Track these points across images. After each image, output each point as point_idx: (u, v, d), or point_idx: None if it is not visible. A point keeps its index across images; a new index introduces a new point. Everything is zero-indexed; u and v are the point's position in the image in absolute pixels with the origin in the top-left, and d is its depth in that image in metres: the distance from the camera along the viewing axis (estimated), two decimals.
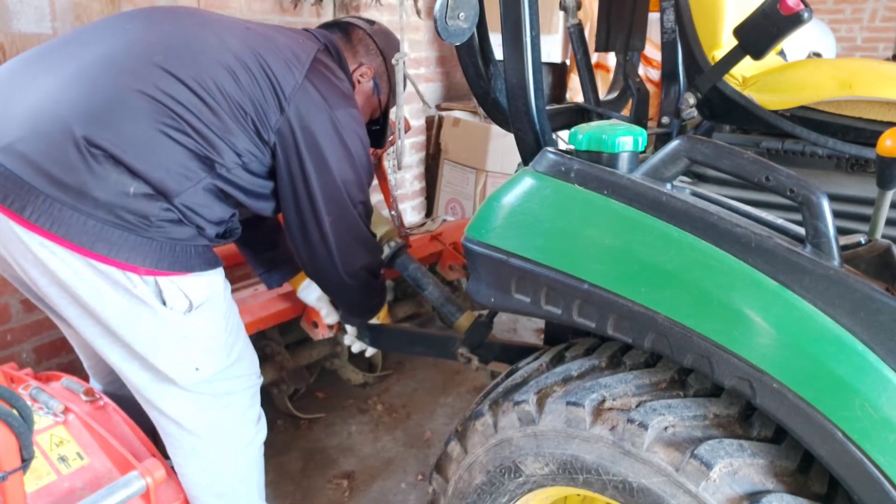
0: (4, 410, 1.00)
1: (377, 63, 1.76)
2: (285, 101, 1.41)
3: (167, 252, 1.31)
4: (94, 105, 1.24)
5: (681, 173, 1.13)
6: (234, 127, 1.35)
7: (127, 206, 1.25)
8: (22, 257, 1.25)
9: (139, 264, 1.27)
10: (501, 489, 1.29)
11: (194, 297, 1.35)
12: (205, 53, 1.35)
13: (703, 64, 1.50)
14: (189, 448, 1.45)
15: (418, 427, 2.49)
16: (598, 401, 1.14)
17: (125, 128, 1.24)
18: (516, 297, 1.24)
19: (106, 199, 1.23)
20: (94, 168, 1.22)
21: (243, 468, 1.55)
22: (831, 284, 0.96)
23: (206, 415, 1.45)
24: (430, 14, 1.81)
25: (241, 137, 1.37)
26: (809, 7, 1.26)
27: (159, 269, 1.29)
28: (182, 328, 1.34)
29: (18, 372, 1.58)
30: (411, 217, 4.02)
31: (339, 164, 1.52)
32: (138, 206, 1.26)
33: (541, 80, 1.32)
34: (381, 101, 1.82)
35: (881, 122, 1.37)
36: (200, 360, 1.39)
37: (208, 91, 1.32)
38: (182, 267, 1.33)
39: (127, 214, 1.25)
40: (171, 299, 1.32)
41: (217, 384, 1.44)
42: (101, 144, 1.22)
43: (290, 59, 1.44)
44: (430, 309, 2.73)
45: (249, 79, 1.37)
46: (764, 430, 1.08)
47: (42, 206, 1.19)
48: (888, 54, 5.43)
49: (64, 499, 1.31)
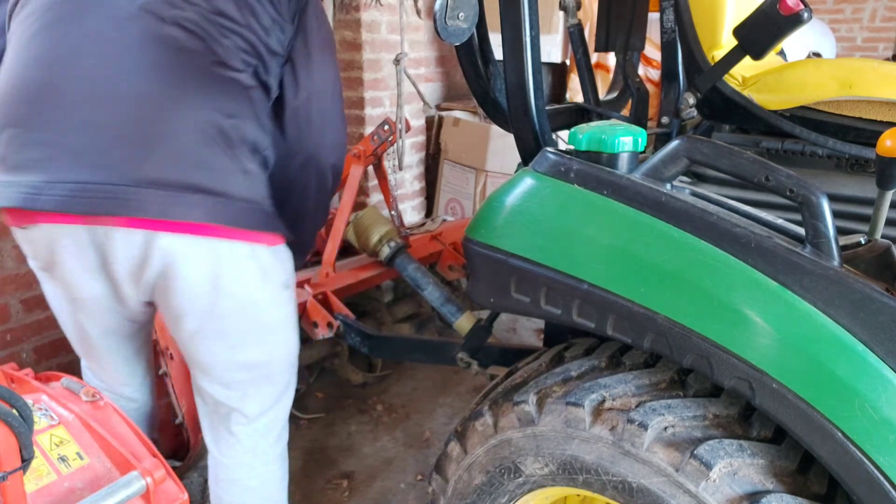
0: (4, 410, 1.00)
1: None
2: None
3: (273, 219, 1.35)
4: (192, 93, 1.22)
5: (680, 173, 1.13)
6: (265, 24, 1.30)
7: (253, 186, 1.29)
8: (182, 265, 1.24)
9: (280, 232, 1.35)
10: (501, 489, 1.29)
11: (289, 267, 1.42)
12: None
13: (703, 64, 1.50)
14: (253, 448, 1.49)
15: (418, 427, 2.49)
16: (597, 401, 1.14)
17: (229, 104, 1.24)
18: (516, 298, 1.24)
19: (244, 189, 1.27)
20: (224, 155, 1.24)
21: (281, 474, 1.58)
22: (831, 284, 0.96)
23: (277, 411, 1.50)
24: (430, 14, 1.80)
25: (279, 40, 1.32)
26: (809, 7, 1.26)
27: (277, 231, 1.35)
28: (289, 303, 1.43)
29: (18, 372, 1.58)
30: (411, 217, 4.02)
31: (329, 49, 1.46)
32: (256, 176, 1.30)
33: (541, 80, 1.32)
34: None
35: (881, 122, 1.37)
36: (295, 342, 1.48)
37: (252, 30, 1.27)
38: (280, 229, 1.37)
39: (257, 195, 1.29)
40: (280, 272, 1.38)
41: (293, 377, 1.51)
42: (224, 125, 1.23)
43: None
44: (430, 309, 2.73)
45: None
46: (764, 431, 1.08)
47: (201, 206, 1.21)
48: (888, 54, 5.43)
49: (64, 499, 1.31)
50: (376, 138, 2.49)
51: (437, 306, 2.26)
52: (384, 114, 3.58)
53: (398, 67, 2.33)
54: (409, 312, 2.75)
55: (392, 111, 3.52)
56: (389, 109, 3.60)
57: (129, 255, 1.24)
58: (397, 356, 2.56)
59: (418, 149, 4.04)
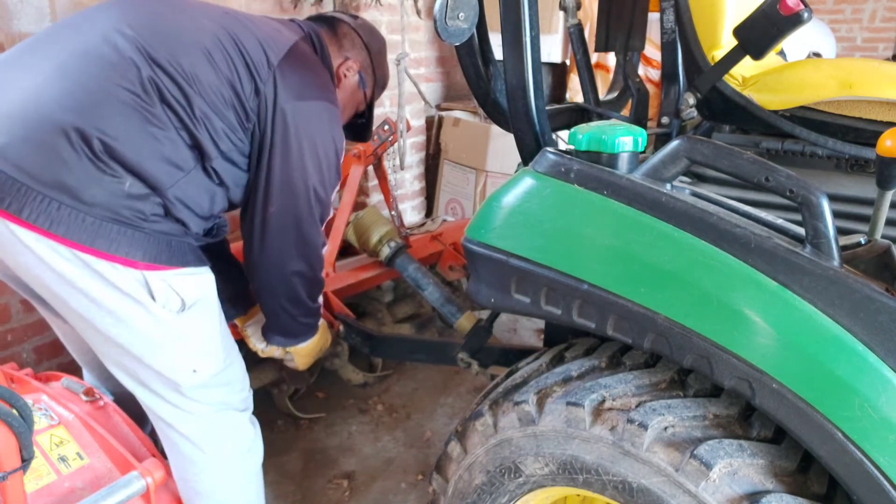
0: (4, 410, 1.00)
1: (362, 57, 1.74)
2: (261, 83, 1.40)
3: (163, 246, 1.32)
4: (80, 100, 1.24)
5: (680, 173, 1.13)
6: (217, 113, 1.35)
7: (123, 202, 1.26)
8: (22, 258, 1.25)
9: (138, 259, 1.28)
10: (501, 489, 1.29)
11: (186, 295, 1.35)
12: (181, 37, 1.34)
13: (703, 64, 1.50)
14: (188, 454, 1.45)
15: (418, 427, 2.49)
16: (597, 401, 1.14)
17: (114, 121, 1.25)
18: (516, 298, 1.24)
19: (102, 196, 1.24)
20: (88, 164, 1.23)
21: (240, 478, 1.54)
22: (831, 285, 0.96)
23: (201, 422, 1.44)
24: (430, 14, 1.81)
25: (225, 123, 1.37)
26: (809, 7, 1.26)
27: (157, 262, 1.30)
28: (176, 328, 1.35)
29: (18, 372, 1.58)
30: (411, 217, 4.02)
31: (303, 155, 1.47)
32: (133, 202, 1.27)
33: (541, 80, 1.32)
34: (366, 95, 1.80)
35: (881, 122, 1.37)
36: (197, 361, 1.39)
37: (188, 79, 1.31)
38: (177, 262, 1.34)
39: (123, 210, 1.26)
40: (162, 298, 1.32)
41: (212, 390, 1.44)
42: (93, 137, 1.22)
43: (266, 41, 1.43)
44: (431, 309, 2.73)
45: (226, 61, 1.36)
46: (764, 431, 1.08)
47: (40, 206, 1.20)
48: (888, 54, 5.43)
49: (64, 499, 1.31)
50: (376, 138, 2.49)
51: (437, 306, 2.26)
52: (384, 114, 3.58)
53: (399, 67, 2.33)
54: (410, 313, 2.75)
55: (392, 111, 3.52)
56: (390, 109, 3.60)
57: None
58: (398, 356, 2.56)
59: (418, 149, 4.04)
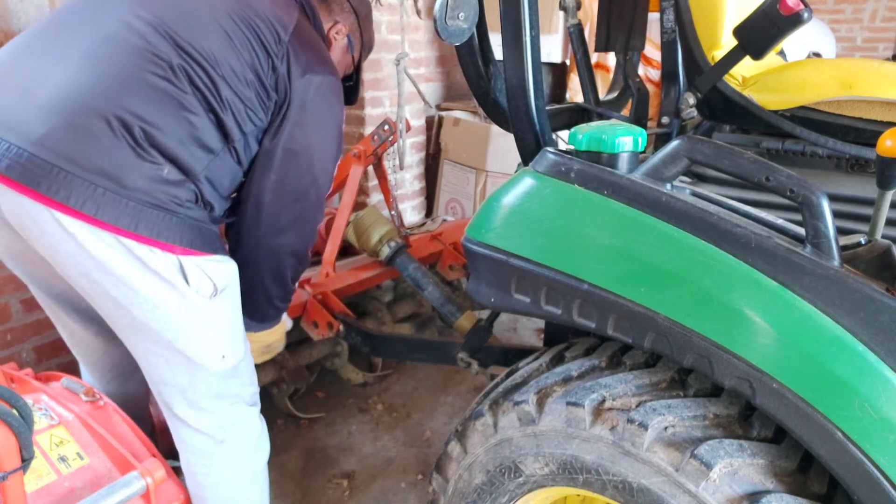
0: (4, 410, 1.00)
1: (351, 20, 1.77)
2: (277, 60, 1.42)
3: (196, 232, 1.36)
4: (116, 88, 1.26)
5: (681, 173, 1.13)
6: (240, 96, 1.37)
7: (161, 188, 1.29)
8: (63, 246, 1.27)
9: (176, 243, 1.31)
10: (501, 489, 1.29)
11: (218, 280, 1.39)
12: (200, 21, 1.36)
13: (703, 64, 1.50)
14: (199, 447, 1.48)
15: (418, 426, 2.49)
16: (598, 401, 1.14)
17: (150, 108, 1.28)
18: (516, 297, 1.24)
19: (143, 182, 1.27)
20: (129, 150, 1.26)
21: (248, 474, 1.56)
22: (831, 284, 0.96)
23: (215, 415, 1.47)
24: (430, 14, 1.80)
25: (248, 105, 1.39)
26: (809, 7, 1.26)
27: (192, 248, 1.34)
28: (208, 313, 1.39)
29: (18, 372, 1.58)
30: (411, 217, 4.02)
31: (310, 129, 1.50)
32: (171, 188, 1.31)
33: (541, 80, 1.32)
34: (354, 58, 1.83)
35: (881, 122, 1.37)
36: (225, 348, 1.43)
37: (214, 64, 1.33)
38: (209, 248, 1.38)
39: (161, 195, 1.30)
40: (196, 283, 1.36)
41: (231, 381, 1.47)
42: (134, 125, 1.25)
43: (274, 19, 1.44)
44: (430, 309, 2.73)
45: (245, 43, 1.38)
46: (764, 430, 1.08)
47: (86, 192, 1.23)
48: (888, 54, 5.43)
49: (64, 499, 1.31)
50: (376, 138, 2.49)
51: (437, 306, 2.26)
52: (384, 114, 3.58)
53: (399, 67, 2.33)
54: (410, 312, 2.75)
55: (392, 111, 3.52)
56: (390, 109, 3.60)
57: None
58: (398, 356, 2.56)
59: (418, 149, 4.04)
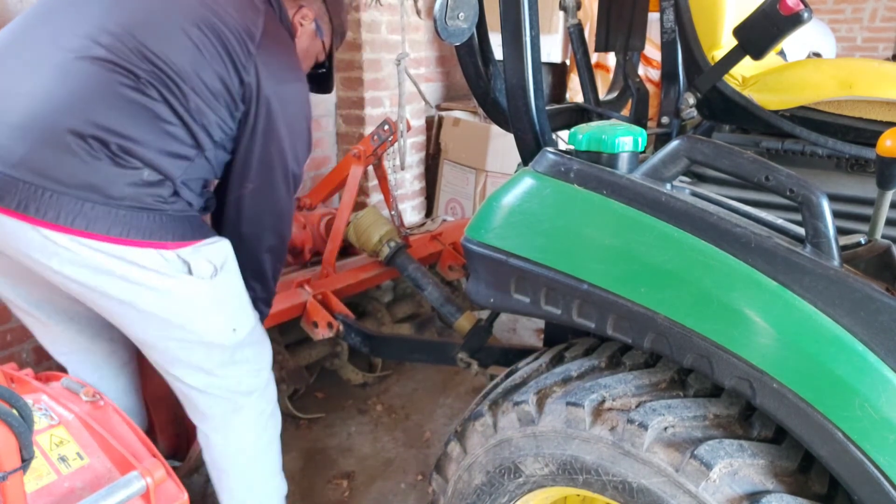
0: (4, 410, 1.00)
1: (317, 5, 1.74)
2: (245, 73, 1.43)
3: (185, 224, 1.40)
4: (89, 104, 1.28)
5: (681, 173, 1.13)
6: (210, 106, 1.40)
7: (145, 191, 1.33)
8: (55, 259, 1.29)
9: (168, 240, 1.36)
10: (501, 489, 1.29)
11: (216, 259, 1.44)
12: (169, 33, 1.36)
13: (703, 64, 1.50)
14: (219, 418, 1.53)
15: (418, 427, 2.49)
16: (597, 401, 1.14)
17: (125, 121, 1.30)
18: (516, 298, 1.24)
19: (128, 188, 1.30)
20: (109, 163, 1.28)
21: (265, 440, 1.63)
22: (831, 284, 0.96)
23: (232, 379, 1.52)
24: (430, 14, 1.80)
25: (217, 115, 1.42)
26: (809, 7, 1.26)
27: (184, 239, 1.39)
28: (213, 293, 1.44)
29: (18, 372, 1.58)
30: (411, 217, 4.02)
31: (282, 136, 1.52)
32: (153, 189, 1.34)
33: (541, 80, 1.32)
34: (325, 44, 1.80)
35: (881, 122, 1.37)
36: (235, 319, 1.49)
37: (182, 76, 1.35)
38: (199, 234, 1.43)
39: (146, 198, 1.33)
40: (197, 268, 1.40)
41: (247, 349, 1.53)
42: (110, 141, 1.28)
43: (241, 26, 1.44)
44: (430, 309, 2.73)
45: (213, 55, 1.39)
46: (764, 431, 1.08)
47: (74, 208, 1.26)
48: (888, 54, 5.43)
49: (64, 499, 1.31)
50: (376, 138, 2.49)
51: (437, 306, 2.26)
52: (384, 114, 3.58)
53: (399, 67, 2.33)
54: (409, 312, 2.75)
55: (392, 111, 3.52)
56: (390, 109, 3.60)
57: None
58: (397, 356, 2.56)
59: (418, 149, 4.04)
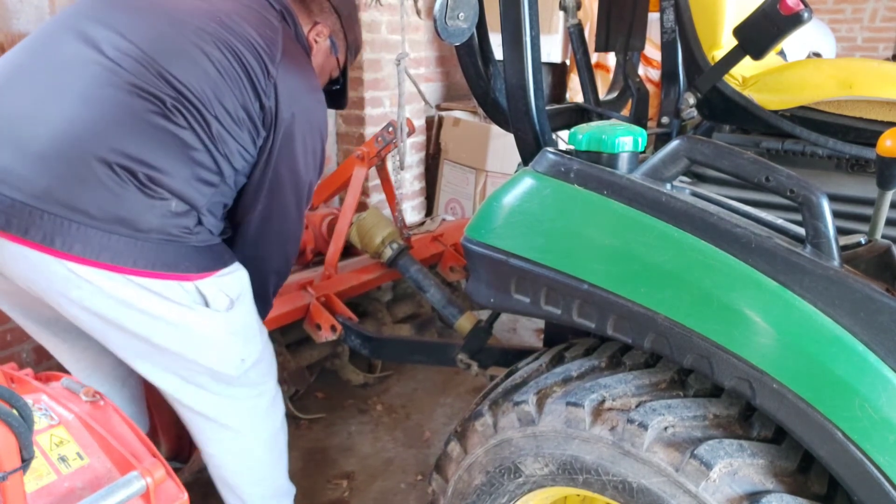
0: (4, 410, 1.00)
1: (332, 21, 1.71)
2: (265, 97, 1.41)
3: (207, 254, 1.39)
4: (116, 131, 1.25)
5: (681, 173, 1.13)
6: (231, 133, 1.37)
7: (172, 222, 1.31)
8: (77, 292, 1.27)
9: (192, 272, 1.35)
10: (501, 489, 1.29)
11: (232, 292, 1.43)
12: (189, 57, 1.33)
13: (703, 64, 1.50)
14: (229, 441, 1.53)
15: (418, 427, 2.49)
16: (597, 401, 1.14)
17: (152, 148, 1.28)
18: (516, 298, 1.24)
19: (155, 220, 1.28)
20: (138, 193, 1.26)
21: (277, 453, 1.64)
22: (831, 285, 0.96)
23: (243, 407, 1.52)
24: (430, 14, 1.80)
25: (239, 142, 1.40)
26: (809, 7, 1.26)
27: (206, 270, 1.37)
28: (227, 325, 1.43)
29: (18, 372, 1.58)
30: (411, 217, 4.02)
31: (298, 158, 1.50)
32: (179, 219, 1.32)
33: (541, 80, 1.32)
34: (339, 60, 1.78)
35: (881, 122, 1.37)
36: (245, 350, 1.48)
37: (205, 103, 1.32)
38: (220, 264, 1.41)
39: (173, 229, 1.31)
40: (213, 301, 1.39)
41: (251, 373, 1.52)
42: (138, 170, 1.25)
43: (260, 47, 1.43)
44: (430, 309, 2.73)
45: (234, 80, 1.37)
46: (764, 431, 1.08)
47: (102, 241, 1.24)
48: (888, 54, 5.43)
49: (64, 499, 1.31)
50: (380, 140, 2.49)
51: (439, 309, 2.26)
52: (384, 114, 3.58)
53: (399, 67, 2.33)
54: (409, 313, 2.75)
55: (392, 111, 3.52)
56: (390, 109, 3.60)
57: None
58: (398, 358, 2.56)
59: (418, 149, 4.04)
